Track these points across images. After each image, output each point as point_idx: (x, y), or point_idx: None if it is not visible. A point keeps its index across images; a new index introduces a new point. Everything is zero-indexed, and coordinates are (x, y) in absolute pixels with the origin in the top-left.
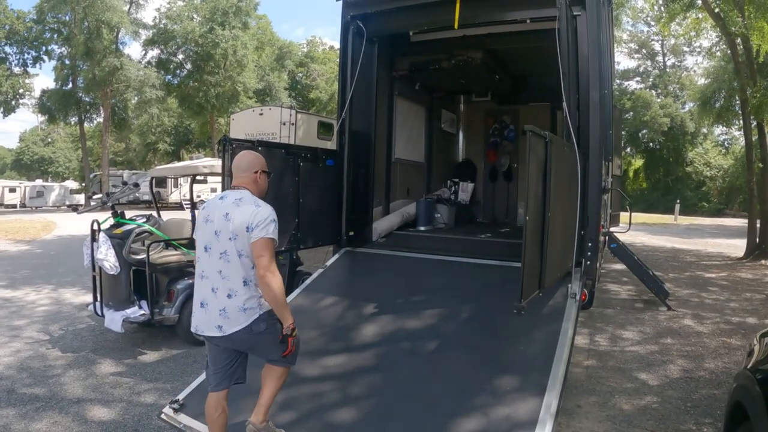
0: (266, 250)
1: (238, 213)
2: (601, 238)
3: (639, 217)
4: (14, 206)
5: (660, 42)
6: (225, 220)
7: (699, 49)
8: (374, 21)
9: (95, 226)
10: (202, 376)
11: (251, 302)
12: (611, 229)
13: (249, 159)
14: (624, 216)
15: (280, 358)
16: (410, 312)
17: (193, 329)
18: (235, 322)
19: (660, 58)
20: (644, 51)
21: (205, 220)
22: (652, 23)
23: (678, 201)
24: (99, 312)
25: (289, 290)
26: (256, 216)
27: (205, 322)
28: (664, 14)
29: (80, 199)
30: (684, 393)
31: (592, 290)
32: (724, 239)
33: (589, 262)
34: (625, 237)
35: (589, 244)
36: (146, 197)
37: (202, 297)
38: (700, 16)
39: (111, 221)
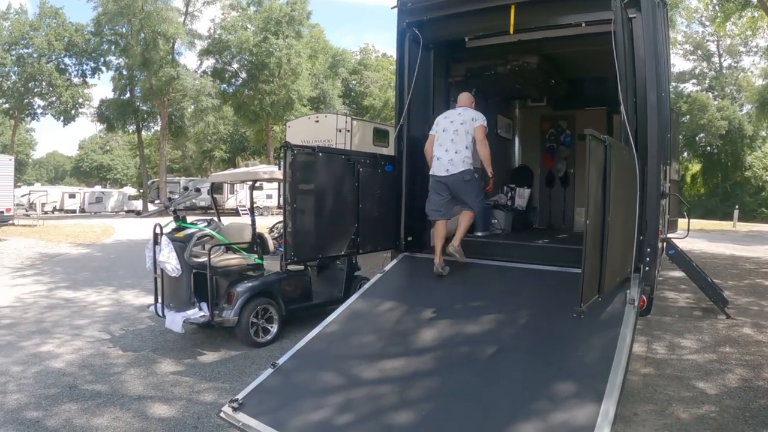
0: (482, 131)
1: (467, 113)
2: (660, 244)
3: (697, 223)
4: (74, 211)
5: (715, 42)
6: (458, 115)
7: (756, 49)
8: (430, 28)
9: (158, 230)
10: (261, 377)
11: (467, 159)
12: (669, 235)
13: (469, 95)
14: (682, 222)
15: (470, 202)
16: (468, 317)
17: (431, 173)
18: (457, 167)
19: (716, 59)
20: (699, 52)
21: (444, 117)
22: (707, 23)
23: (737, 207)
24: (160, 313)
25: (346, 295)
26: (478, 114)
27: (437, 168)
28: (719, 14)
29: (138, 205)
30: (743, 402)
31: (651, 297)
32: None
33: (647, 268)
34: (683, 244)
35: (648, 250)
36: (203, 203)
37: (438, 155)
38: (755, 14)
39: (173, 225)
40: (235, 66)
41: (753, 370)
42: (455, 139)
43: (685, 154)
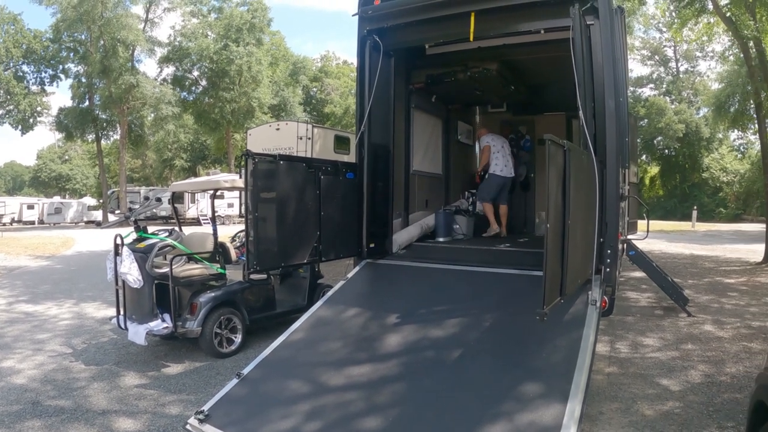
0: None
1: (501, 138)
2: (620, 246)
3: (656, 224)
4: (32, 223)
5: (672, 48)
6: (501, 140)
7: (712, 54)
8: (390, 35)
9: (118, 241)
10: (227, 388)
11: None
12: (629, 237)
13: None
14: (641, 224)
15: (506, 197)
16: (433, 321)
17: (500, 174)
18: (511, 173)
19: (673, 64)
20: (657, 57)
21: (496, 140)
22: (664, 29)
23: (695, 207)
24: (122, 325)
25: (310, 303)
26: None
27: (505, 172)
28: (675, 20)
29: (98, 215)
30: (706, 398)
31: (612, 297)
32: (742, 244)
33: (608, 270)
34: (643, 244)
35: (608, 252)
36: (164, 213)
37: (503, 164)
38: (712, 20)
39: (134, 236)
40: (196, 74)
41: (715, 366)
42: (505, 154)
43: (644, 156)
